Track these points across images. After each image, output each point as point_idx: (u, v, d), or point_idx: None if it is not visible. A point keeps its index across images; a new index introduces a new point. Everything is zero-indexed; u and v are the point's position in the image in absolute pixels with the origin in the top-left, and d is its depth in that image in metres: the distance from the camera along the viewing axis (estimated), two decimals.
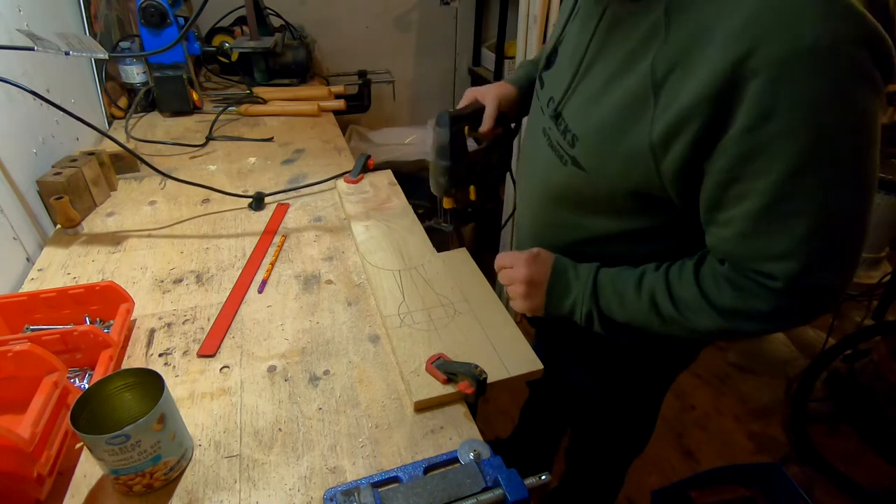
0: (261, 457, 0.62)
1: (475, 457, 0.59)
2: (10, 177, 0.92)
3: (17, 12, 1.02)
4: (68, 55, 0.90)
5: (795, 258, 0.51)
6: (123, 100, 1.49)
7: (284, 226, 1.04)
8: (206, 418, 0.66)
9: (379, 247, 0.95)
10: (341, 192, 1.12)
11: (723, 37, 0.46)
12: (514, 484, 0.55)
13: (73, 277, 0.88)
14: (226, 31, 1.76)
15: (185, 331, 0.79)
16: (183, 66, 1.43)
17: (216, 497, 0.58)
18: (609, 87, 0.58)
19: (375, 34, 2.20)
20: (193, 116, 1.50)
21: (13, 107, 0.96)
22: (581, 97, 0.63)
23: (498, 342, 0.75)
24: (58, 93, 1.11)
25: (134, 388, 0.59)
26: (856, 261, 0.54)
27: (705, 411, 1.81)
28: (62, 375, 0.61)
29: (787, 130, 0.46)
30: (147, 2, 1.32)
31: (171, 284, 0.88)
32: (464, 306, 0.82)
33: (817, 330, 2.15)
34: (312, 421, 0.66)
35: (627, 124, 0.56)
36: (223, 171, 1.23)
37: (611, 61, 0.58)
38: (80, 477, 0.59)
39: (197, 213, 1.06)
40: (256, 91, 1.63)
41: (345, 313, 0.83)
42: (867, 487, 1.53)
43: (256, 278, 0.89)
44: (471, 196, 0.88)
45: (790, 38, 0.44)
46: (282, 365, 0.73)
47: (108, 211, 1.07)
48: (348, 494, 0.54)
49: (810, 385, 1.65)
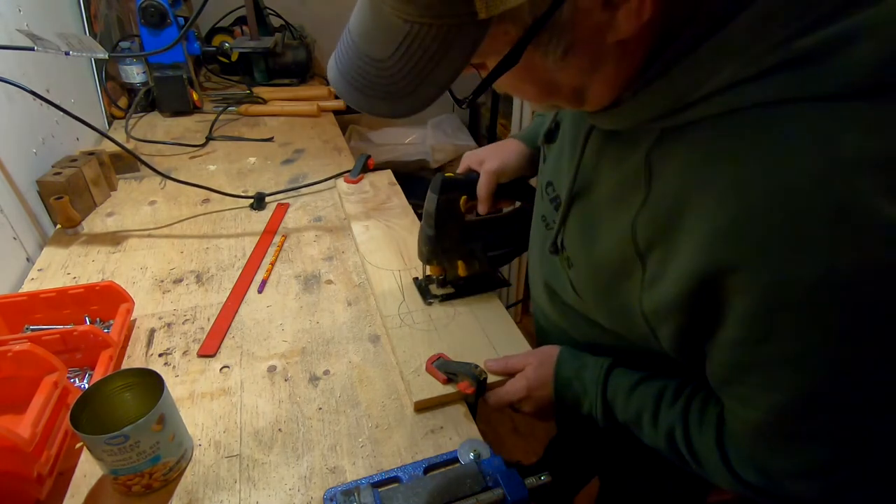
0: (261, 457, 0.62)
1: (475, 457, 0.59)
2: (10, 177, 0.92)
3: (17, 12, 1.02)
4: (68, 55, 0.90)
5: (816, 483, 0.42)
6: (123, 100, 1.49)
7: (284, 226, 1.04)
8: (206, 418, 0.66)
9: (379, 247, 0.95)
10: (341, 192, 1.12)
11: (702, 234, 0.37)
12: (514, 484, 0.55)
13: (73, 277, 0.88)
14: (226, 31, 1.76)
15: (185, 331, 0.79)
16: (183, 66, 1.43)
17: (216, 497, 0.58)
18: (600, 221, 0.49)
19: None
20: (193, 116, 1.50)
21: (13, 107, 0.96)
22: (576, 218, 0.53)
23: (498, 342, 0.75)
24: (58, 93, 1.11)
25: (134, 388, 0.59)
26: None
27: None
28: (62, 375, 0.61)
29: (791, 359, 0.37)
30: (147, 2, 1.32)
31: (171, 284, 0.88)
32: (464, 306, 0.81)
33: None
34: (312, 421, 0.66)
35: (619, 278, 0.47)
36: (223, 171, 1.23)
37: (602, 188, 0.48)
38: (80, 477, 0.59)
39: (197, 213, 1.06)
40: (256, 91, 1.63)
41: (345, 313, 0.83)
42: None
43: (256, 278, 0.89)
44: (459, 271, 0.80)
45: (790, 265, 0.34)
46: (282, 365, 0.73)
47: (108, 211, 1.07)
48: (348, 494, 0.54)
49: None
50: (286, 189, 1.14)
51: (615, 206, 0.46)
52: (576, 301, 0.57)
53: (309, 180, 1.17)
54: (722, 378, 0.44)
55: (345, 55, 0.42)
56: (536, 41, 0.36)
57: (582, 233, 0.52)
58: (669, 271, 0.41)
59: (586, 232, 0.51)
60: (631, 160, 0.43)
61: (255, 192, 1.10)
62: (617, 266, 0.46)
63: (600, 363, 0.59)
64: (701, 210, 0.37)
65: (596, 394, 0.58)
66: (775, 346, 0.37)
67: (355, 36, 0.41)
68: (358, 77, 0.40)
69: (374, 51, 0.39)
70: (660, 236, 0.41)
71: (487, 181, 0.73)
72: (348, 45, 0.42)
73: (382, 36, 0.38)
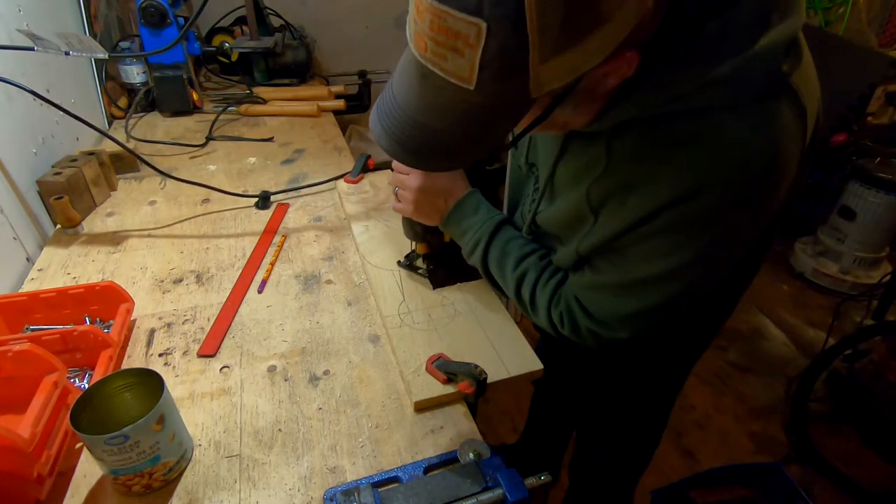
0: (261, 457, 0.62)
1: (475, 457, 0.59)
2: (10, 177, 0.92)
3: (17, 12, 1.02)
4: (68, 55, 0.90)
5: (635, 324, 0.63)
6: (123, 100, 1.49)
7: (284, 226, 1.04)
8: (206, 418, 0.66)
9: (379, 247, 0.95)
10: (341, 192, 1.12)
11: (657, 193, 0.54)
12: (513, 484, 0.55)
13: (73, 277, 0.88)
14: (226, 31, 1.76)
15: (185, 331, 0.79)
16: (183, 66, 1.43)
17: (216, 497, 0.58)
18: (561, 198, 0.66)
19: (375, 34, 2.20)
20: (193, 116, 1.50)
21: (13, 107, 0.96)
22: (549, 191, 0.69)
23: (498, 342, 0.75)
24: (58, 93, 1.11)
25: (134, 388, 0.59)
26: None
27: (705, 411, 1.80)
28: (62, 375, 0.61)
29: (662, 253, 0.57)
30: (147, 2, 1.32)
31: (171, 284, 0.88)
32: (464, 306, 0.82)
33: (817, 330, 2.15)
34: (312, 421, 0.66)
35: (572, 225, 0.65)
36: (223, 171, 1.23)
37: (568, 169, 0.64)
38: (80, 477, 0.59)
39: (197, 213, 1.06)
40: (256, 91, 1.62)
41: (345, 313, 0.83)
42: (867, 487, 1.53)
43: (256, 278, 0.89)
44: (445, 238, 0.85)
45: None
46: (282, 365, 0.73)
47: (108, 211, 1.07)
48: (348, 494, 0.54)
49: (810, 385, 1.65)
50: (287, 189, 1.14)
51: (575, 180, 0.61)
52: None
53: (309, 180, 1.17)
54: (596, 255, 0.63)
55: (392, 118, 0.50)
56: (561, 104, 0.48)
57: (549, 202, 0.70)
58: (621, 215, 0.57)
59: (552, 200, 0.69)
60: (593, 148, 0.57)
61: (256, 192, 1.10)
62: (571, 220, 0.64)
63: (494, 215, 0.76)
64: (662, 177, 0.52)
65: (486, 229, 0.75)
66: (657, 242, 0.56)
67: (403, 103, 0.49)
68: (409, 140, 0.49)
69: (431, 121, 0.48)
70: (613, 196, 0.57)
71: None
72: (395, 112, 0.50)
73: (442, 112, 0.47)
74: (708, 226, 0.54)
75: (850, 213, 2.23)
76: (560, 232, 0.69)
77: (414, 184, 0.77)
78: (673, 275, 0.57)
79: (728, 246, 0.58)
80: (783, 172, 0.52)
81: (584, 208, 0.61)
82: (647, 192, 0.54)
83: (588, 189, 0.59)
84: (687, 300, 0.61)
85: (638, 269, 0.59)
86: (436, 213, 0.79)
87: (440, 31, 0.41)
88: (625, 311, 0.63)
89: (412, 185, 0.77)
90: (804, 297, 2.35)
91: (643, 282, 0.60)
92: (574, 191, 0.62)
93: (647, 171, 0.54)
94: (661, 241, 0.56)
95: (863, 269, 2.29)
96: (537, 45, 0.39)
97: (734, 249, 0.59)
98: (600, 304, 0.65)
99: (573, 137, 0.61)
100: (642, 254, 0.58)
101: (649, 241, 0.57)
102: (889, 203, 2.13)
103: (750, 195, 0.52)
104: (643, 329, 0.64)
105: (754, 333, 2.15)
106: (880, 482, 1.59)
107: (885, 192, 2.12)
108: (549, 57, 0.40)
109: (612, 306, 0.64)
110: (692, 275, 0.58)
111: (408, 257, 0.89)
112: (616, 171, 0.56)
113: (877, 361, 1.70)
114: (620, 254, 0.60)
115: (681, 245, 0.55)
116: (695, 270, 0.57)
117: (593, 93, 0.49)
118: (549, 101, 0.47)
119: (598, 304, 0.65)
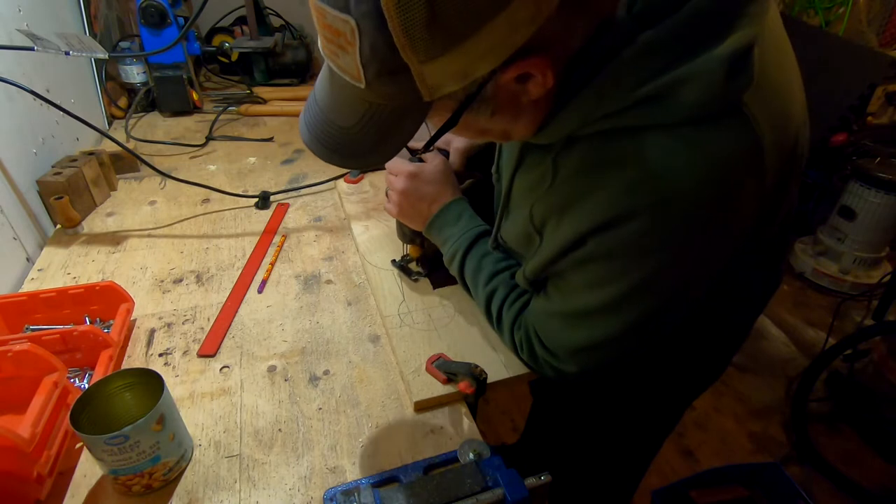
0: (261, 457, 0.62)
1: (475, 457, 0.59)
2: (10, 177, 0.92)
3: (17, 12, 1.02)
4: (68, 55, 0.90)
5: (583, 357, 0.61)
6: (123, 100, 1.49)
7: (284, 226, 1.04)
8: (206, 418, 0.66)
9: (379, 247, 0.95)
10: (341, 192, 1.12)
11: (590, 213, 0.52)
12: (513, 484, 0.55)
13: (73, 277, 0.88)
14: (226, 31, 1.76)
15: (185, 331, 0.79)
16: (183, 66, 1.43)
17: (216, 497, 0.58)
18: (516, 207, 0.64)
19: None
20: (193, 116, 1.50)
21: (13, 107, 0.96)
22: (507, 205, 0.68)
23: (498, 342, 0.75)
24: (58, 93, 1.11)
25: (134, 388, 0.60)
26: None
27: (705, 411, 1.81)
28: (62, 375, 0.61)
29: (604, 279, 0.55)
30: (147, 2, 1.32)
31: (171, 284, 0.88)
32: (464, 306, 0.82)
33: (817, 330, 2.15)
34: (312, 421, 0.66)
35: (525, 242, 0.63)
36: (223, 171, 1.23)
37: (522, 183, 0.62)
38: (80, 477, 0.59)
39: (197, 213, 1.06)
40: (256, 91, 1.62)
41: (345, 313, 0.83)
42: (867, 487, 1.54)
43: (256, 278, 0.89)
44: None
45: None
46: (282, 365, 0.73)
47: (108, 211, 1.07)
48: (348, 494, 0.54)
49: (810, 385, 1.65)
50: (288, 189, 1.14)
51: (527, 195, 0.60)
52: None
53: (309, 180, 1.17)
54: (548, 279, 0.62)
55: (313, 118, 0.51)
56: (469, 109, 0.46)
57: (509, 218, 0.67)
58: (555, 237, 0.56)
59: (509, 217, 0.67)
60: (544, 163, 0.56)
61: (256, 192, 1.10)
62: (522, 237, 0.63)
63: (474, 226, 0.75)
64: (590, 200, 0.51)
65: (464, 240, 0.74)
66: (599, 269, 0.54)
67: (321, 103, 0.50)
68: (327, 138, 0.50)
69: (340, 120, 0.48)
70: (551, 216, 0.56)
71: (458, 158, 0.83)
72: (315, 111, 0.51)
73: (348, 110, 0.47)
74: (643, 254, 0.51)
75: (850, 213, 2.23)
76: (518, 248, 0.67)
77: (399, 186, 0.77)
78: (613, 307, 0.55)
79: (674, 277, 0.53)
80: (724, 203, 0.48)
81: (530, 227, 0.60)
82: (577, 214, 0.52)
83: (532, 206, 0.58)
84: (640, 336, 0.58)
85: (578, 299, 0.58)
86: (419, 218, 0.78)
87: (326, 29, 0.41)
88: (573, 343, 0.60)
89: (398, 188, 0.77)
90: (804, 297, 2.35)
91: (585, 313, 0.58)
92: (524, 207, 0.60)
93: (581, 192, 0.51)
94: (596, 269, 0.54)
95: (863, 269, 2.29)
96: (407, 45, 0.38)
97: (685, 281, 0.55)
98: (552, 333, 0.63)
99: (529, 149, 0.59)
100: (581, 282, 0.57)
101: (585, 267, 0.55)
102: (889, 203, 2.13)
103: (685, 224, 0.48)
104: (593, 365, 0.61)
105: (754, 333, 2.15)
106: (880, 482, 1.59)
107: (885, 192, 2.12)
108: (427, 59, 0.39)
109: (561, 337, 0.62)
110: (635, 308, 0.55)
111: (403, 259, 0.89)
112: (559, 188, 0.54)
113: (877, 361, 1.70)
114: (564, 280, 0.59)
115: (616, 274, 0.53)
116: (637, 303, 0.54)
117: (515, 101, 0.47)
118: (455, 106, 0.46)
119: (549, 333, 0.63)
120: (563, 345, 0.62)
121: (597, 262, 0.53)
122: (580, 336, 0.60)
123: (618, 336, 0.57)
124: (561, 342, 0.62)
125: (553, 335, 0.63)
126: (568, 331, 0.61)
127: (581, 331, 0.59)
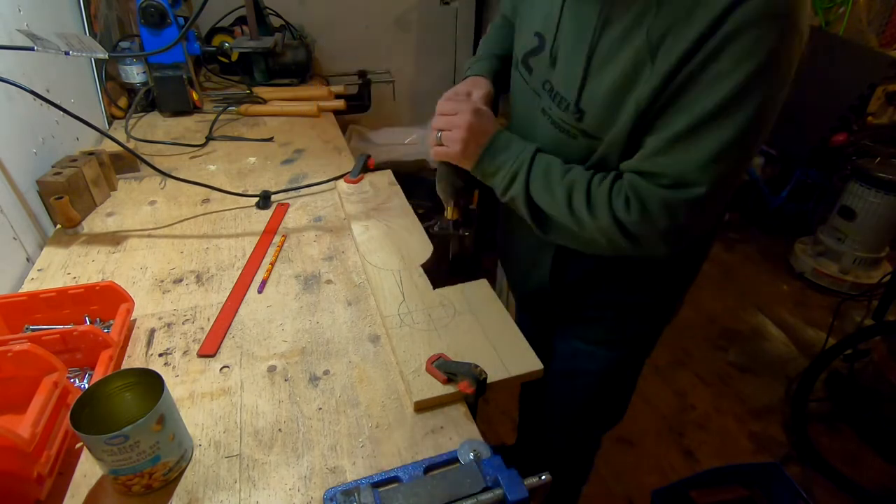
0: (261, 457, 0.62)
1: (475, 457, 0.59)
2: (10, 177, 0.92)
3: (17, 12, 1.02)
4: (68, 55, 0.90)
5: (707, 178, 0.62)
6: (123, 100, 1.49)
7: (284, 226, 1.04)
8: (206, 418, 0.66)
9: (379, 247, 0.95)
10: (341, 192, 1.12)
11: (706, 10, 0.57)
12: (513, 484, 0.55)
13: (73, 277, 0.88)
14: (226, 31, 1.76)
15: (185, 331, 0.79)
16: (183, 66, 1.43)
17: (216, 497, 0.58)
18: (608, 65, 0.65)
19: (375, 34, 2.20)
20: (193, 116, 1.50)
21: (13, 107, 0.96)
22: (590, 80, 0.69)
23: (498, 342, 0.75)
24: (58, 93, 1.11)
25: (134, 388, 0.59)
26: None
27: (705, 411, 1.81)
28: (62, 375, 0.61)
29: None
30: (147, 2, 1.32)
31: (171, 284, 0.88)
32: (464, 306, 0.82)
33: (817, 330, 2.15)
34: (312, 421, 0.66)
35: (631, 87, 0.64)
36: (223, 171, 1.23)
37: (613, 40, 0.64)
38: (80, 477, 0.59)
39: (197, 213, 1.06)
40: (256, 91, 1.63)
41: (345, 313, 0.83)
42: (867, 487, 1.54)
43: (256, 278, 0.89)
44: (473, 201, 0.87)
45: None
46: (282, 365, 0.73)
47: (108, 211, 1.07)
48: (348, 494, 0.54)
49: (810, 385, 1.65)
50: (287, 189, 1.14)
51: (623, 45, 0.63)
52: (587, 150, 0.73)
53: (309, 180, 1.17)
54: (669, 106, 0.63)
55: None
56: None
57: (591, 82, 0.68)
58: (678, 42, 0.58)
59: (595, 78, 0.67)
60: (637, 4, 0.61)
61: (256, 192, 1.11)
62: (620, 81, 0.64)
63: (529, 145, 0.75)
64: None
65: (526, 154, 0.74)
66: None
67: None
68: None
69: None
70: (671, 30, 0.58)
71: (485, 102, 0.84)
72: None
73: None
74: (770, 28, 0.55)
75: (850, 213, 2.23)
76: (605, 109, 0.67)
77: (464, 121, 0.76)
78: (746, 91, 0.57)
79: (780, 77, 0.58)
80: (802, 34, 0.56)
81: (643, 54, 0.61)
82: (707, 4, 0.56)
83: (648, 31, 0.60)
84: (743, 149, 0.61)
85: (709, 96, 0.59)
86: (476, 153, 0.77)
87: None
88: (702, 156, 0.61)
89: (462, 123, 0.76)
90: (804, 297, 2.36)
91: (714, 114, 0.59)
92: (629, 45, 0.62)
93: None
94: (734, 48, 0.56)
95: (863, 269, 2.29)
96: None
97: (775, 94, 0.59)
98: (673, 161, 0.63)
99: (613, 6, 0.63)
100: (712, 75, 0.58)
101: (718, 56, 0.57)
102: (889, 203, 2.13)
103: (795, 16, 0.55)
104: (722, 179, 0.62)
105: (754, 333, 2.15)
106: (880, 482, 1.59)
107: (885, 192, 2.12)
108: None
109: (687, 157, 0.62)
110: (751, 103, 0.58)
111: (441, 227, 0.88)
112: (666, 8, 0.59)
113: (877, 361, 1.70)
114: (686, 91, 0.60)
115: (753, 48, 0.55)
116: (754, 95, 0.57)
117: None
118: None
119: (670, 163, 0.63)
120: (693, 162, 0.62)
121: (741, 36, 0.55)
122: (710, 144, 0.60)
123: (735, 140, 0.59)
124: (689, 162, 0.62)
125: (677, 160, 0.63)
126: (697, 143, 0.61)
127: (711, 137, 0.60)
